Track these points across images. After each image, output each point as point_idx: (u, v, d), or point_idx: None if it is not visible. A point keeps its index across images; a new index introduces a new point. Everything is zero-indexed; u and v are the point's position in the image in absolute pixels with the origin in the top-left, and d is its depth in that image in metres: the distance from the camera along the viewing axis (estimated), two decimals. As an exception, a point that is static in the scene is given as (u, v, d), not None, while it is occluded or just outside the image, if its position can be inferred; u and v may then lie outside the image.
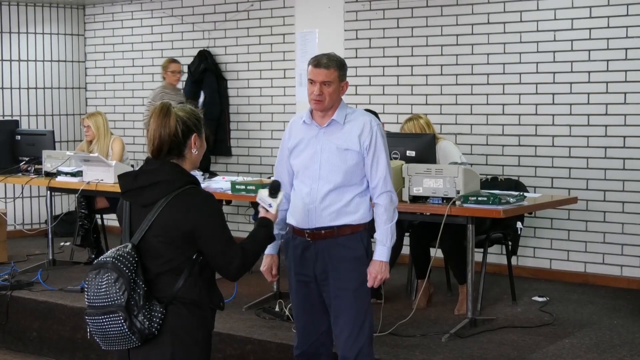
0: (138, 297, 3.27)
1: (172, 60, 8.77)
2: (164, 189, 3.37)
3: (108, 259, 3.29)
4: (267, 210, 3.70)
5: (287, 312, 5.89)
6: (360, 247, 4.23)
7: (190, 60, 9.12)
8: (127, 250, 3.32)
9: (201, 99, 8.90)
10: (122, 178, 3.47)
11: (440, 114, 7.59)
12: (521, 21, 7.24)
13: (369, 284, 4.23)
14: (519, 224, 6.28)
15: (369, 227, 4.28)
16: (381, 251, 4.23)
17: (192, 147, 3.46)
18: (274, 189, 3.75)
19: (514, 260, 6.73)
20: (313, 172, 4.23)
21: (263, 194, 3.75)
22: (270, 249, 4.40)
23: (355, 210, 4.22)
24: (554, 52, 7.10)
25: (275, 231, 4.36)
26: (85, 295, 3.33)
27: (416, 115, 6.51)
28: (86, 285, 3.33)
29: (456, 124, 7.57)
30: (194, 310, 3.41)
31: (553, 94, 7.13)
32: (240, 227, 8.46)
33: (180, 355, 3.40)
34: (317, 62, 4.24)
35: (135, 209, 3.44)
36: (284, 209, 4.37)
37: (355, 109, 4.36)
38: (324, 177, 4.21)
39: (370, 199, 4.28)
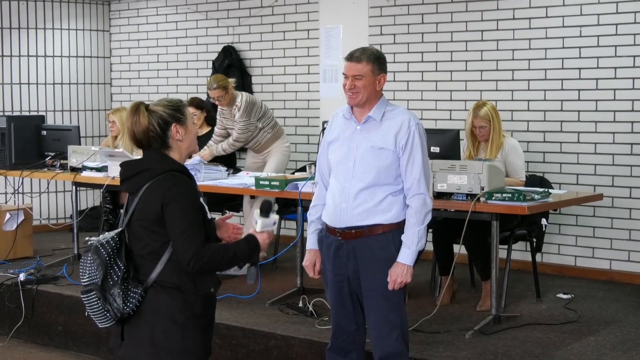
0: (117, 277, 3.49)
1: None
2: (146, 176, 3.55)
3: (94, 242, 3.53)
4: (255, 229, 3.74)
5: (310, 308, 5.90)
6: (392, 247, 4.17)
7: (214, 56, 9.14)
8: (112, 235, 3.55)
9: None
10: (120, 168, 3.67)
11: (465, 110, 7.55)
12: (547, 17, 7.20)
13: (389, 287, 4.15)
14: (543, 221, 6.26)
15: (402, 227, 4.20)
16: (405, 254, 4.15)
17: (174, 136, 3.60)
18: (264, 208, 3.75)
19: (538, 257, 6.70)
20: (346, 170, 4.19)
21: (256, 212, 3.79)
22: (312, 244, 4.37)
23: (388, 209, 4.16)
24: (580, 47, 7.05)
25: (314, 228, 4.37)
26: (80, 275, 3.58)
27: (483, 101, 6.43)
28: (79, 266, 3.57)
29: (481, 120, 7.54)
30: (175, 294, 3.54)
31: (579, 90, 7.09)
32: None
33: (160, 336, 3.54)
34: (350, 55, 4.24)
35: (129, 197, 3.65)
36: (322, 204, 4.36)
37: (396, 107, 4.28)
38: (357, 175, 4.16)
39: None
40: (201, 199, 3.59)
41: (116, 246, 3.52)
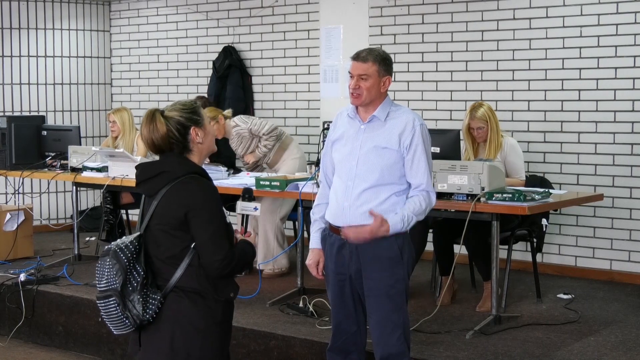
0: (136, 283, 3.42)
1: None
2: (165, 178, 3.50)
3: (112, 246, 3.45)
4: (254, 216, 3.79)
5: (310, 308, 5.90)
6: (395, 247, 4.16)
7: (215, 56, 9.14)
8: (131, 239, 3.47)
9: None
10: (136, 170, 3.62)
11: (465, 110, 7.55)
12: (547, 17, 7.20)
13: (350, 235, 4.11)
14: (544, 221, 6.25)
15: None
16: (394, 222, 4.07)
17: (194, 140, 3.57)
18: (248, 193, 3.89)
19: (538, 257, 6.70)
20: (350, 169, 4.19)
21: (243, 203, 3.86)
22: (315, 243, 4.36)
23: (391, 209, 4.14)
24: (580, 48, 7.05)
25: (317, 227, 4.38)
26: (96, 280, 3.50)
27: (479, 102, 6.42)
28: (95, 271, 3.49)
29: (481, 120, 7.53)
30: (196, 299, 3.49)
31: (579, 90, 7.09)
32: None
33: (180, 342, 3.49)
34: (356, 55, 4.24)
35: (146, 200, 3.59)
36: (325, 203, 4.37)
37: (400, 107, 4.28)
38: (361, 175, 4.15)
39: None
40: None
41: (135, 250, 3.45)
